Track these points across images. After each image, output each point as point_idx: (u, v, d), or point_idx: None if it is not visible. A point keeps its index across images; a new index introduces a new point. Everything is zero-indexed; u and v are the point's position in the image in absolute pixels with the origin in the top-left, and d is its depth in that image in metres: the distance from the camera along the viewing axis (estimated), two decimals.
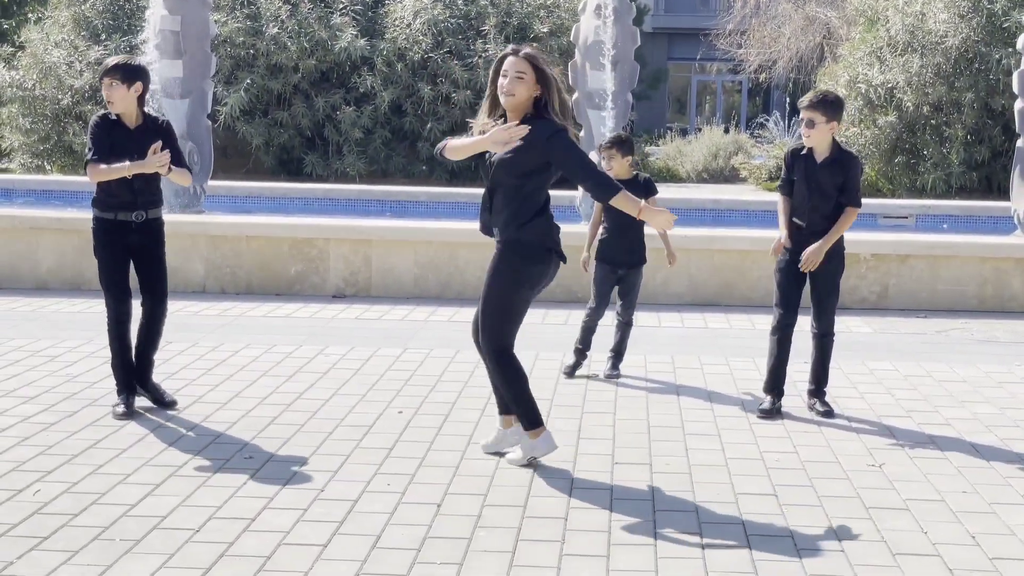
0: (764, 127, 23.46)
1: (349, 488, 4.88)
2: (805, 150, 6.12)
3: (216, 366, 7.06)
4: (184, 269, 9.72)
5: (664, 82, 36.67)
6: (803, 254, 6.06)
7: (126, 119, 5.89)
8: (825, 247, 6.04)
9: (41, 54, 19.93)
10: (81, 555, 4.11)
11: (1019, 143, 10.98)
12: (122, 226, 5.90)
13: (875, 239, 10.09)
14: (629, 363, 7.17)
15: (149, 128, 5.93)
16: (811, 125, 6.00)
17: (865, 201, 6.79)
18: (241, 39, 19.64)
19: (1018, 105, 10.98)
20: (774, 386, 6.26)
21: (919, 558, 4.24)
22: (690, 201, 14.37)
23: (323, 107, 20.01)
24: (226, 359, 7.25)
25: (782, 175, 6.29)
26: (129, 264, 5.98)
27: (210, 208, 12.48)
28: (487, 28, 20.11)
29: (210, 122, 12.54)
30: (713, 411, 6.28)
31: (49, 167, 20.17)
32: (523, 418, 5.21)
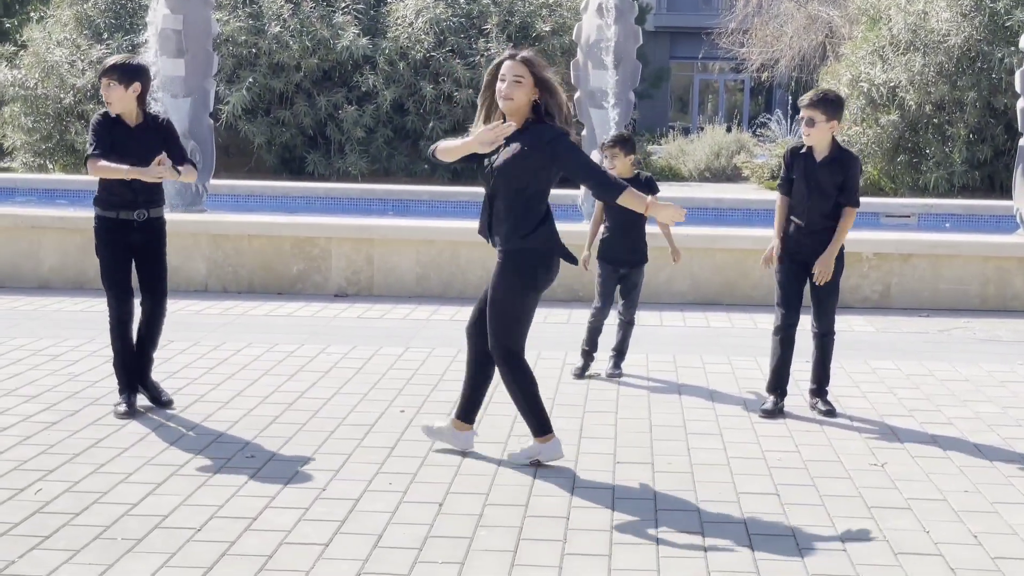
0: (766, 126, 23.43)
1: (351, 487, 4.88)
2: (805, 149, 6.12)
3: (218, 365, 7.06)
4: (186, 268, 9.73)
5: (666, 81, 36.64)
6: (815, 269, 6.08)
7: (126, 118, 5.88)
8: (834, 253, 6.08)
9: (43, 53, 19.92)
10: (82, 554, 4.11)
11: (1021, 142, 10.95)
12: (124, 225, 5.89)
13: (877, 238, 10.09)
14: (631, 362, 7.17)
15: (150, 126, 5.92)
16: (811, 124, 5.99)
17: (868, 200, 6.80)
18: (243, 38, 19.63)
19: (1020, 104, 10.96)
20: (777, 386, 6.26)
21: (921, 557, 4.24)
22: (692, 200, 14.33)
23: (325, 106, 20.00)
24: (228, 358, 7.25)
25: (781, 174, 6.30)
26: (131, 263, 5.96)
27: (212, 207, 12.46)
28: (489, 27, 20.10)
29: (212, 121, 12.54)
30: (715, 410, 6.28)
31: (51, 166, 20.17)
32: (532, 424, 5.21)
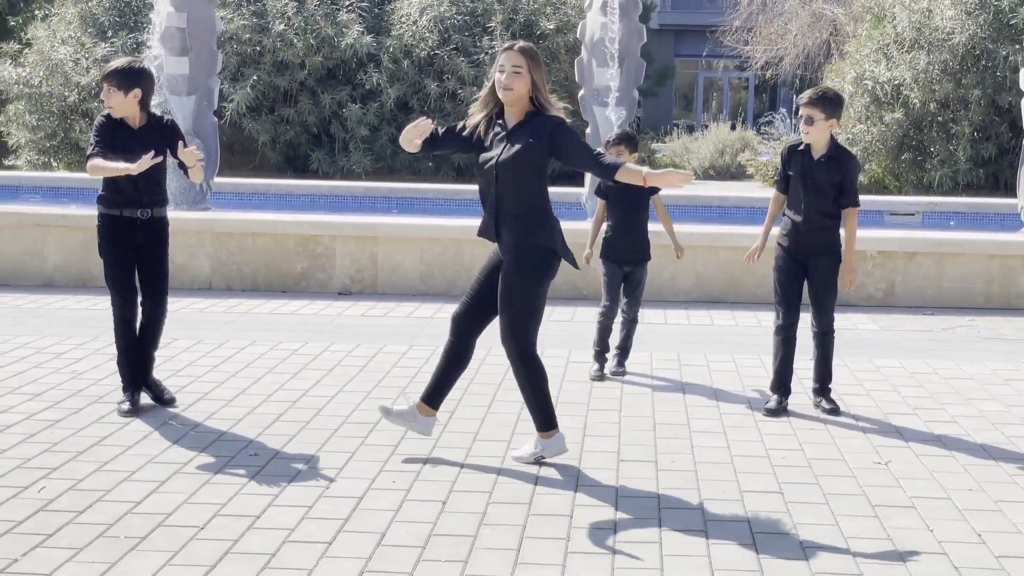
0: (771, 124, 23.41)
1: (354, 485, 4.88)
2: (803, 146, 6.12)
3: (221, 363, 7.06)
4: (190, 266, 9.73)
5: (671, 79, 36.59)
6: (841, 279, 6.14)
7: (129, 121, 5.87)
8: (851, 258, 6.14)
9: (47, 51, 19.92)
10: (86, 552, 4.11)
11: None
12: (127, 223, 5.89)
13: (882, 236, 10.08)
14: (635, 360, 7.16)
15: (153, 128, 5.90)
16: (810, 122, 5.99)
17: (872, 198, 6.80)
18: (247, 36, 19.63)
19: None
20: (780, 385, 6.25)
21: (925, 556, 4.23)
22: (696, 198, 14.31)
23: (329, 104, 19.99)
24: (231, 356, 7.25)
25: (779, 171, 6.30)
26: (135, 262, 5.96)
27: (216, 205, 12.49)
28: (493, 25, 20.09)
29: (216, 119, 12.56)
30: (719, 408, 6.27)
31: (55, 164, 20.18)
32: (538, 418, 5.23)
